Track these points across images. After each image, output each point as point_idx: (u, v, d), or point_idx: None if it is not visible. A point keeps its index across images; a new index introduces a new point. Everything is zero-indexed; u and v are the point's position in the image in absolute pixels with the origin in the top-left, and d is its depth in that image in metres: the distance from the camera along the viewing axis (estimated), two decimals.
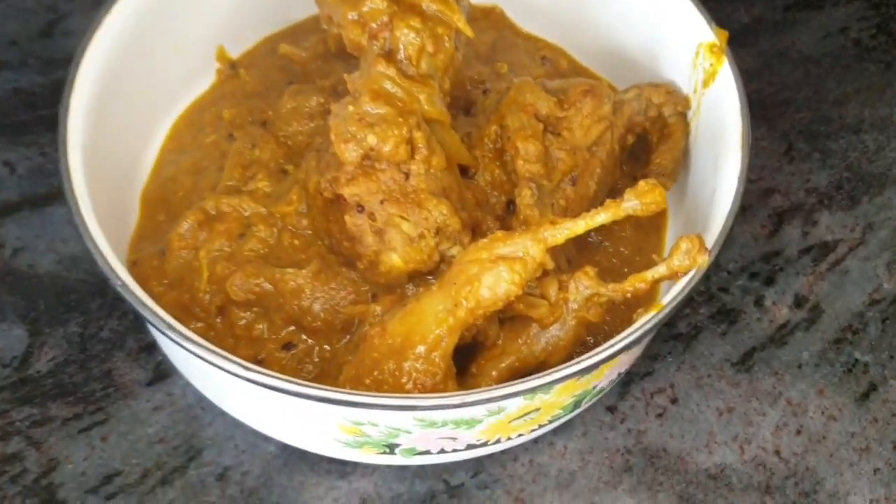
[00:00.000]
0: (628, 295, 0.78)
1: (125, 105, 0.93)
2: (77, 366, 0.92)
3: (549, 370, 0.71)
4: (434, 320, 0.76)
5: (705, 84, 0.90)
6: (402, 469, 0.87)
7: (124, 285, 0.74)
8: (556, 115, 0.89)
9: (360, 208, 0.80)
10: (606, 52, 1.06)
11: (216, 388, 0.83)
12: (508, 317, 0.81)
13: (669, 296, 0.75)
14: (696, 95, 0.92)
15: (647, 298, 0.85)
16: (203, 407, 0.89)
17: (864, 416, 0.92)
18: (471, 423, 0.76)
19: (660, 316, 0.74)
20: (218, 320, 0.87)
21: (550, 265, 0.76)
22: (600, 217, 0.76)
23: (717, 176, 0.84)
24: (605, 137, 0.91)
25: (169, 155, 1.00)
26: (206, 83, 1.06)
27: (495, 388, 0.70)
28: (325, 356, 0.85)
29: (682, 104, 0.94)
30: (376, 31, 0.81)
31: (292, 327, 0.86)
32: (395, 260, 0.80)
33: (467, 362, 0.82)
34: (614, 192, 0.86)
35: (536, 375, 0.71)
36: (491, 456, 0.87)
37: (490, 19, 1.10)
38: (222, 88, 1.05)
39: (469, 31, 0.83)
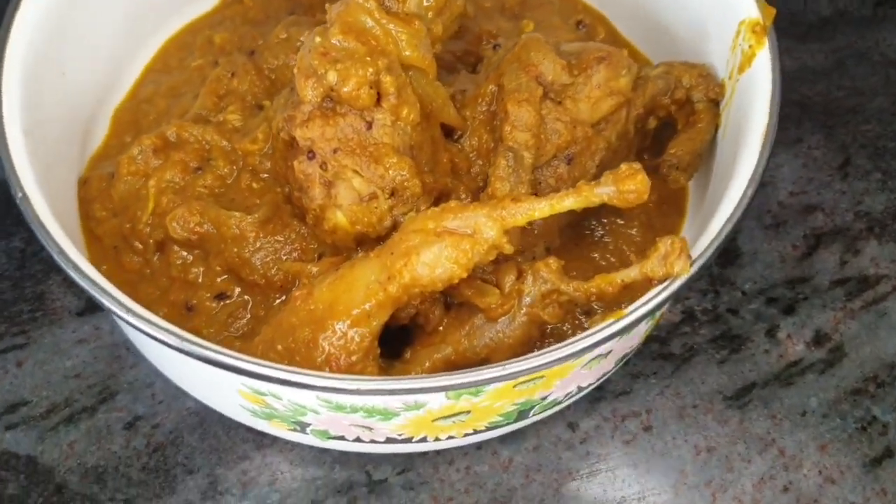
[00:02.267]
0: (593, 297, 0.67)
1: (100, 17, 0.86)
2: (10, 283, 0.86)
3: (474, 368, 0.61)
4: (364, 291, 0.67)
5: (741, 69, 0.77)
6: (323, 452, 0.78)
7: (25, 197, 0.67)
8: (563, 82, 0.78)
9: (312, 154, 0.71)
10: (649, 25, 0.94)
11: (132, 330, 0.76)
12: (457, 302, 0.71)
13: (635, 304, 0.63)
14: (731, 82, 0.79)
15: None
16: (129, 348, 0.83)
17: (872, 484, 0.78)
18: (386, 415, 0.66)
19: (618, 326, 0.63)
20: (156, 257, 0.80)
21: (508, 249, 0.66)
22: (568, 200, 0.65)
23: (731, 175, 0.71)
24: (619, 115, 0.80)
25: (151, 75, 0.95)
26: (209, 4, 0.98)
27: (398, 380, 0.61)
28: (260, 315, 0.77)
29: (714, 90, 0.81)
30: None
31: (227, 276, 0.78)
32: (340, 218, 0.71)
33: (406, 346, 0.72)
34: None
35: (456, 372, 0.61)
36: (424, 455, 0.78)
37: None
38: (223, 12, 0.99)
39: None
